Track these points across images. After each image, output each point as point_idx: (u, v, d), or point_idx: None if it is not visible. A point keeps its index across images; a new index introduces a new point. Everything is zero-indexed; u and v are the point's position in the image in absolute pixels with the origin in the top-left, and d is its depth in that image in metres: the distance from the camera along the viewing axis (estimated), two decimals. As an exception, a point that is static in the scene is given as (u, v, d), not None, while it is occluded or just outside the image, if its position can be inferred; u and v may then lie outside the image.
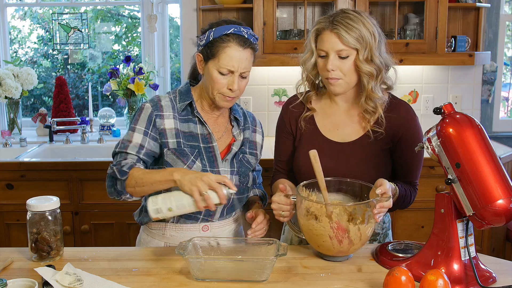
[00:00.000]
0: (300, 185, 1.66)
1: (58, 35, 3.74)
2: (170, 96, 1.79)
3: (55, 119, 3.44)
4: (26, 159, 3.02)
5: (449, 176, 1.43)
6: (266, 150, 2.07)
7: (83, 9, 3.95)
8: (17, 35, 4.21)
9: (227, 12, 3.27)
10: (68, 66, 4.25)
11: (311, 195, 1.67)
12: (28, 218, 1.61)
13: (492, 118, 3.66)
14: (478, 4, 3.24)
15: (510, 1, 3.77)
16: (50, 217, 1.61)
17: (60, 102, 3.57)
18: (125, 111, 3.61)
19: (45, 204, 1.60)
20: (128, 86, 3.42)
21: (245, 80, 1.72)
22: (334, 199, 1.68)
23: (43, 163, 2.93)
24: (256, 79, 3.42)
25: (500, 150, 3.15)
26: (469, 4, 3.25)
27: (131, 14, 4.27)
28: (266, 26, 3.07)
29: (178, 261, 1.61)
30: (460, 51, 3.24)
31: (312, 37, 1.73)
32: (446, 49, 3.13)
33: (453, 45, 3.25)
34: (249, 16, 3.14)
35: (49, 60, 4.25)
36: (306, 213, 1.58)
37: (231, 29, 1.67)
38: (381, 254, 1.61)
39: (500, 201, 1.34)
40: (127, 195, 1.67)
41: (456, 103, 3.46)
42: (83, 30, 3.74)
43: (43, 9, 4.12)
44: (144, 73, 3.43)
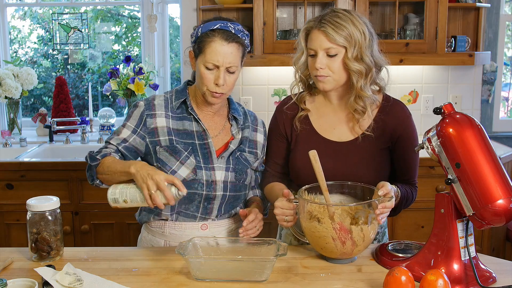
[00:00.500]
0: (302, 189, 1.66)
1: (58, 35, 3.74)
2: (166, 95, 1.82)
3: (55, 119, 3.44)
4: (26, 159, 3.02)
5: (449, 176, 1.43)
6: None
7: (83, 9, 3.95)
8: (17, 35, 4.21)
9: (227, 12, 3.26)
10: (68, 66, 4.25)
11: (313, 199, 1.66)
12: (28, 218, 1.61)
13: (492, 118, 3.65)
14: (478, 4, 3.24)
15: (510, 1, 3.77)
16: (50, 217, 1.61)
17: (60, 102, 3.57)
18: (125, 111, 3.61)
19: (45, 204, 1.60)
20: (128, 86, 3.42)
21: (233, 76, 1.72)
22: (336, 200, 1.68)
23: (43, 163, 2.94)
24: (256, 79, 3.42)
25: (500, 150, 3.15)
26: (469, 4, 3.24)
27: (131, 14, 4.27)
28: (266, 26, 3.07)
29: (178, 261, 1.61)
30: (460, 51, 3.23)
31: (302, 36, 1.75)
32: (446, 49, 3.13)
33: (453, 45, 3.25)
34: (249, 16, 3.14)
35: (49, 60, 4.25)
36: (309, 217, 1.57)
37: (217, 24, 1.69)
38: (381, 254, 1.61)
39: (500, 201, 1.34)
40: (97, 181, 1.72)
41: (456, 103, 3.45)
42: (83, 30, 3.74)
43: (43, 9, 4.12)
44: (144, 73, 3.43)
